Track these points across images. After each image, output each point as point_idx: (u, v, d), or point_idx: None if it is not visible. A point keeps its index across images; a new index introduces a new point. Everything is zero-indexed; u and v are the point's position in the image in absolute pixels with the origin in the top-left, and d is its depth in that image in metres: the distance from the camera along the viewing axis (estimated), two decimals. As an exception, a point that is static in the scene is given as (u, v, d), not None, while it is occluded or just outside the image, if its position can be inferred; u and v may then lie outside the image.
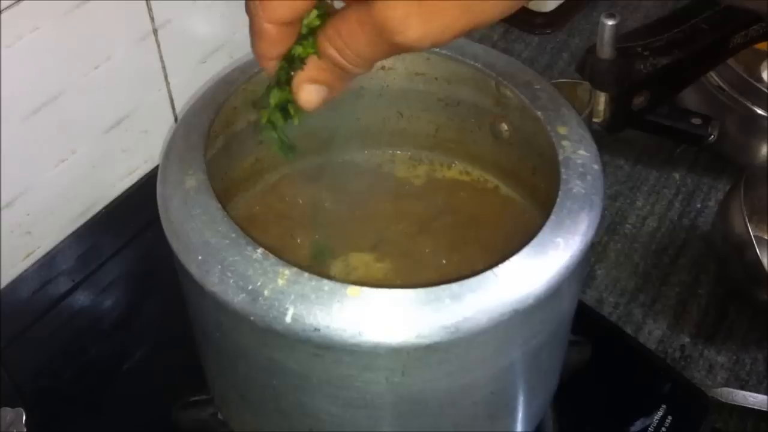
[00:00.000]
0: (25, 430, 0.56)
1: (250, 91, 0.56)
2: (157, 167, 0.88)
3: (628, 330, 0.84)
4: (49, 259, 0.80)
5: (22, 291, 0.78)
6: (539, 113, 0.51)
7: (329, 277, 0.43)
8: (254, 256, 0.44)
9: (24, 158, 0.73)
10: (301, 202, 0.61)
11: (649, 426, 0.67)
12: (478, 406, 0.49)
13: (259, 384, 0.49)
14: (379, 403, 0.46)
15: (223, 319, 0.46)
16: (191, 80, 0.88)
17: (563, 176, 0.48)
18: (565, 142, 0.50)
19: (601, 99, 0.58)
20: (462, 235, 0.61)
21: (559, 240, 0.45)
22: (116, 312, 0.81)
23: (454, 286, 0.43)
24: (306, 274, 0.43)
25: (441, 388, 0.46)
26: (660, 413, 0.68)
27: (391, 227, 0.62)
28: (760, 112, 0.92)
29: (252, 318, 0.43)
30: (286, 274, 0.43)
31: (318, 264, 0.57)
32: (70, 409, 0.70)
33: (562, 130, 0.50)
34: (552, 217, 0.46)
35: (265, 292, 0.43)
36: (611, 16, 0.53)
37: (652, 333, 0.84)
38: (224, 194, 0.58)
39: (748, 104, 0.93)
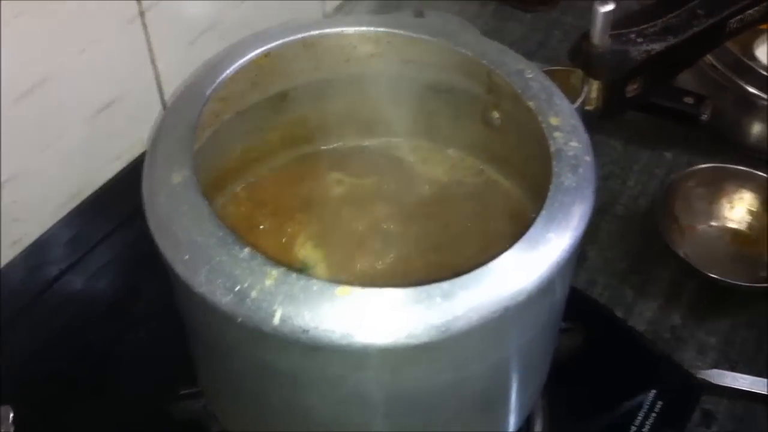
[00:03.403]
0: (12, 428, 0.55)
1: (238, 79, 0.55)
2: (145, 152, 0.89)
3: (619, 311, 0.83)
4: (38, 246, 0.80)
5: (10, 278, 0.77)
6: (531, 103, 0.51)
7: (318, 277, 0.43)
8: (241, 256, 0.43)
9: (10, 145, 0.72)
10: (291, 191, 0.61)
11: (639, 410, 0.67)
12: (470, 401, 0.49)
13: (248, 382, 0.49)
14: (371, 401, 0.46)
15: (210, 319, 0.45)
16: (180, 63, 0.87)
17: (555, 169, 0.47)
18: (557, 134, 0.49)
19: (594, 86, 0.57)
20: (454, 223, 0.61)
21: (551, 235, 0.45)
22: (108, 297, 0.80)
23: (445, 285, 0.42)
24: (294, 274, 0.43)
25: (432, 386, 0.46)
26: (651, 397, 0.68)
27: (382, 214, 0.61)
28: (753, 91, 0.92)
29: (240, 319, 0.42)
30: (274, 274, 0.43)
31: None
32: (61, 395, 0.70)
33: (554, 121, 0.49)
34: (543, 212, 0.45)
35: (253, 293, 0.42)
36: (605, 2, 0.52)
37: (642, 314, 0.84)
38: (213, 185, 0.58)
39: (742, 83, 0.92)
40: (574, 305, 0.57)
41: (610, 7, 0.53)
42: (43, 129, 0.77)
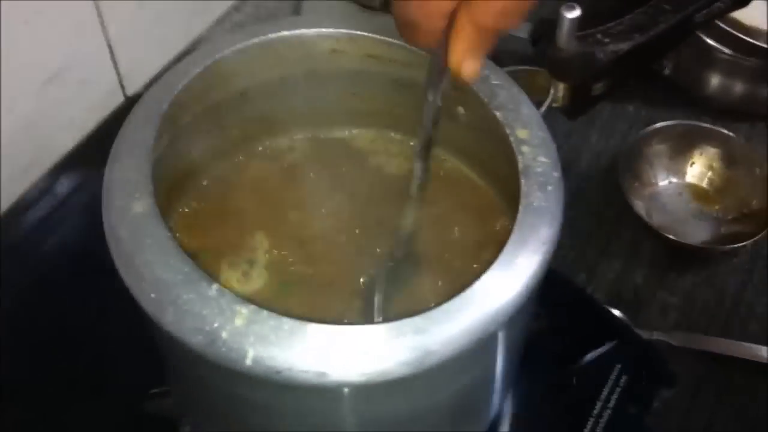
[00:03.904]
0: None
1: (193, 87, 0.53)
2: (99, 123, 0.87)
3: (582, 273, 0.84)
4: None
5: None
6: (498, 113, 0.50)
7: (288, 314, 0.42)
8: (209, 294, 0.43)
9: None
10: (252, 188, 0.60)
11: (604, 386, 0.68)
12: (445, 415, 0.49)
13: (223, 407, 0.49)
14: (345, 425, 0.46)
15: (181, 354, 0.44)
16: (130, 24, 0.85)
17: (523, 188, 0.47)
18: (524, 148, 0.48)
19: (561, 86, 0.57)
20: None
21: (521, 260, 0.44)
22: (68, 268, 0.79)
23: (417, 320, 0.42)
24: (265, 312, 0.42)
25: (407, 410, 0.46)
26: (615, 372, 0.69)
27: (348, 208, 0.61)
28: (713, 43, 0.91)
29: (211, 359, 0.42)
30: (244, 313, 0.42)
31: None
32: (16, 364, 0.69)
33: (522, 134, 0.49)
34: (513, 235, 0.45)
35: (223, 334, 0.42)
36: (571, 8, 0.51)
37: (605, 275, 0.85)
38: (172, 188, 0.56)
39: (703, 36, 0.91)
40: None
41: (576, 13, 0.51)
42: (-8, 104, 0.75)
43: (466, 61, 0.41)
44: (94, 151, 0.85)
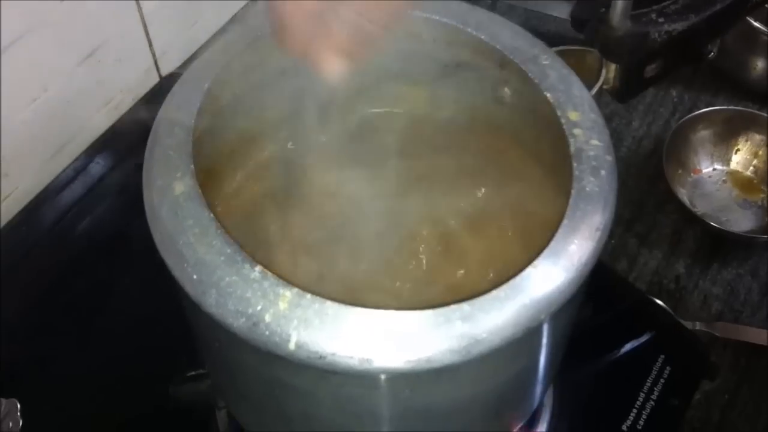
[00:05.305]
0: (20, 420, 0.54)
1: (235, 63, 0.52)
2: (135, 102, 0.86)
3: (624, 262, 0.83)
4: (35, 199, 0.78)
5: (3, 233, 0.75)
6: (549, 95, 0.48)
7: (332, 298, 0.41)
8: (252, 276, 0.42)
9: None
10: (297, 173, 0.58)
11: (648, 377, 0.67)
12: (487, 408, 0.48)
13: (261, 391, 0.48)
14: (387, 414, 0.45)
15: (222, 336, 0.44)
16: (165, 4, 0.84)
17: (575, 172, 0.45)
18: (576, 131, 0.47)
19: (612, 67, 0.55)
20: (466, 197, 0.59)
21: (574, 247, 0.43)
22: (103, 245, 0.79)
23: (465, 306, 0.41)
24: (308, 296, 0.41)
25: (449, 400, 0.45)
26: (659, 363, 0.67)
27: (390, 187, 0.59)
28: (758, 26, 0.89)
29: (253, 343, 0.41)
30: (288, 296, 0.41)
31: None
32: (56, 346, 0.69)
33: (574, 116, 0.47)
34: (565, 221, 0.43)
35: (267, 318, 0.40)
36: (628, -16, 0.49)
37: (647, 264, 0.83)
38: (211, 172, 0.55)
39: (748, 18, 0.89)
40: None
41: (632, -13, 0.50)
42: (29, 81, 0.75)
43: None
44: (129, 131, 0.85)
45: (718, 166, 0.88)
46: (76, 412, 0.63)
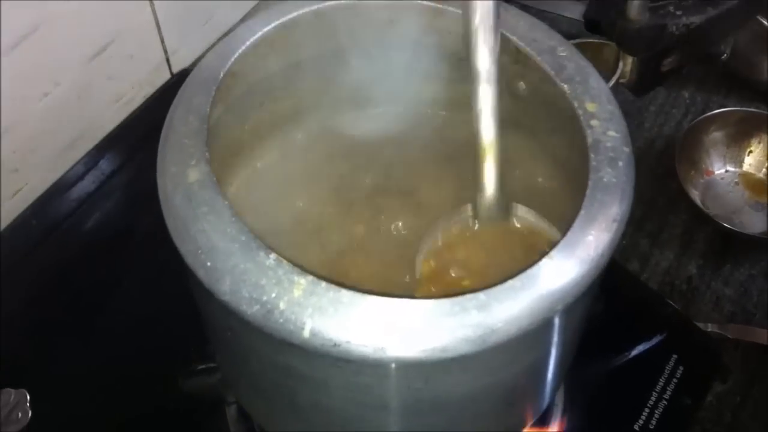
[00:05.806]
0: (30, 411, 0.54)
1: (249, 56, 0.51)
2: (146, 99, 0.86)
3: (635, 262, 0.82)
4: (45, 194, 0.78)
5: (12, 226, 0.75)
6: (565, 86, 0.48)
7: (347, 286, 0.41)
8: (267, 263, 0.41)
9: (7, 94, 0.70)
10: (306, 164, 0.58)
11: (660, 376, 0.66)
12: (499, 401, 0.48)
13: (272, 381, 0.47)
14: (399, 405, 0.45)
15: (235, 324, 0.43)
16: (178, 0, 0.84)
17: (593, 162, 0.45)
18: (594, 122, 0.46)
19: (629, 60, 0.54)
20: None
21: (591, 239, 0.42)
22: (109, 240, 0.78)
23: (481, 296, 0.40)
24: (323, 284, 0.41)
25: (462, 391, 0.45)
26: (671, 363, 0.67)
27: (402, 181, 0.59)
28: (770, 25, 0.88)
29: (267, 331, 0.40)
30: (302, 283, 0.41)
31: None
32: (61, 342, 0.69)
33: (591, 107, 0.47)
34: (582, 211, 0.43)
35: (281, 305, 0.40)
36: (646, -23, 0.49)
37: (659, 264, 0.83)
38: (225, 159, 0.55)
39: (760, 18, 0.88)
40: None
41: (650, -19, 0.49)
42: (40, 76, 0.75)
43: None
44: (140, 128, 0.85)
45: (730, 168, 0.88)
46: (78, 411, 0.63)
